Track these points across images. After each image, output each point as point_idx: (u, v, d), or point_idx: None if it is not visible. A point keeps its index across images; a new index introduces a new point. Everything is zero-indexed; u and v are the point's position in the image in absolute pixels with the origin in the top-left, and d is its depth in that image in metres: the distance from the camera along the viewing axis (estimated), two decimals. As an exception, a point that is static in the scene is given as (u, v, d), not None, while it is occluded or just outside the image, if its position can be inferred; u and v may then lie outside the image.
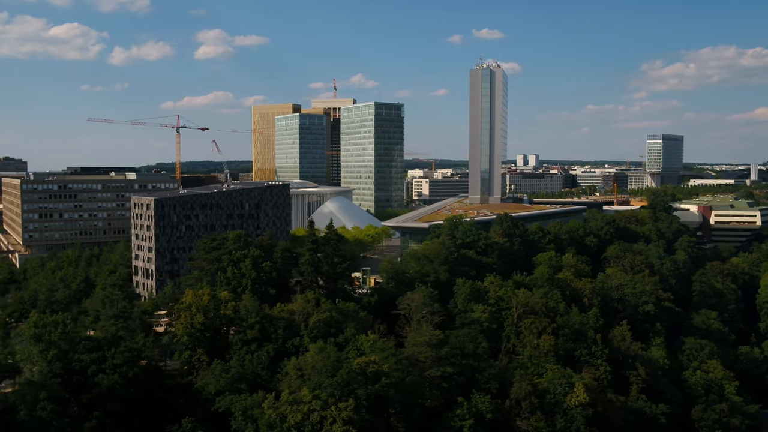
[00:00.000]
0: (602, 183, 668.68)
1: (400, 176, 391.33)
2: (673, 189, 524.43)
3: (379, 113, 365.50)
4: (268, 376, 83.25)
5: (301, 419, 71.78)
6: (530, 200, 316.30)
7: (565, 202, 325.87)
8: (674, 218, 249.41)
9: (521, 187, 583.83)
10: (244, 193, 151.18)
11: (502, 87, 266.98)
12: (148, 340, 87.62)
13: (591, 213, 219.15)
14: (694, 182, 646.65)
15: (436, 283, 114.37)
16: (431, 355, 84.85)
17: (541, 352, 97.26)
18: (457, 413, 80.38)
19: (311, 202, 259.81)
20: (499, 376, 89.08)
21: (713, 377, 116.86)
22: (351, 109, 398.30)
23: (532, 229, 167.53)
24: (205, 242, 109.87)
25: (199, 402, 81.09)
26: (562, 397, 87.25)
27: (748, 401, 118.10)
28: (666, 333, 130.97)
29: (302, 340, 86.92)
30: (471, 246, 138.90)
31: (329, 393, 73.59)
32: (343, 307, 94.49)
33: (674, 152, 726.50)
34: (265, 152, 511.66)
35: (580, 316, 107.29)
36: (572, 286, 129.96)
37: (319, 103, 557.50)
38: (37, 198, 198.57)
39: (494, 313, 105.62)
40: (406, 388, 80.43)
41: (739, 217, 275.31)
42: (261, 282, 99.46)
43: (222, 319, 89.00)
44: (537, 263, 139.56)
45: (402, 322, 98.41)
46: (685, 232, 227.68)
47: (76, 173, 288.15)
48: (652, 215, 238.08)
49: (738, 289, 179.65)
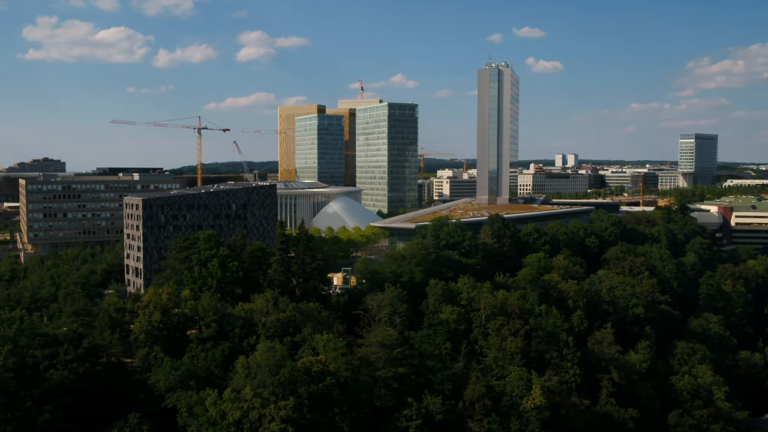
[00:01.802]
0: (631, 183, 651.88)
1: (414, 176, 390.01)
2: (703, 189, 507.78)
3: (393, 114, 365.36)
4: (221, 374, 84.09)
5: (240, 416, 72.33)
6: (546, 200, 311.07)
7: (579, 202, 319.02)
8: (690, 219, 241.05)
9: (545, 187, 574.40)
10: (231, 194, 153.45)
11: (511, 87, 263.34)
12: (113, 337, 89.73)
13: (597, 214, 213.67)
14: (731, 182, 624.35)
15: (411, 283, 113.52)
16: (383, 355, 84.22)
17: (506, 354, 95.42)
18: (404, 413, 79.60)
19: (317, 203, 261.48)
20: (455, 378, 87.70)
21: (702, 382, 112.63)
22: (366, 110, 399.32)
23: (527, 230, 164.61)
24: (178, 242, 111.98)
25: (153, 398, 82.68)
26: (518, 400, 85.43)
27: (738, 407, 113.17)
28: (658, 337, 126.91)
29: (258, 339, 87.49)
30: (455, 247, 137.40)
31: (271, 391, 73.92)
32: (304, 306, 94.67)
33: (707, 152, 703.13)
34: (290, 153, 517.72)
35: (554, 318, 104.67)
36: (558, 287, 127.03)
37: (345, 103, 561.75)
38: (42, 198, 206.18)
39: (463, 315, 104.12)
40: (355, 387, 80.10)
41: (761, 218, 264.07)
42: (227, 282, 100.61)
43: (180, 317, 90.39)
44: (525, 264, 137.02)
45: (364, 322, 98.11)
46: (700, 234, 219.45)
47: (104, 173, 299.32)
48: (665, 216, 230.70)
49: (749, 293, 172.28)
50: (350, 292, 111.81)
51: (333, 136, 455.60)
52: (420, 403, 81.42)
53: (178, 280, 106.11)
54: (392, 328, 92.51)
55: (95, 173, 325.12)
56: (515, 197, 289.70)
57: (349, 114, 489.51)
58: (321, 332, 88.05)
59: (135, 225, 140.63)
